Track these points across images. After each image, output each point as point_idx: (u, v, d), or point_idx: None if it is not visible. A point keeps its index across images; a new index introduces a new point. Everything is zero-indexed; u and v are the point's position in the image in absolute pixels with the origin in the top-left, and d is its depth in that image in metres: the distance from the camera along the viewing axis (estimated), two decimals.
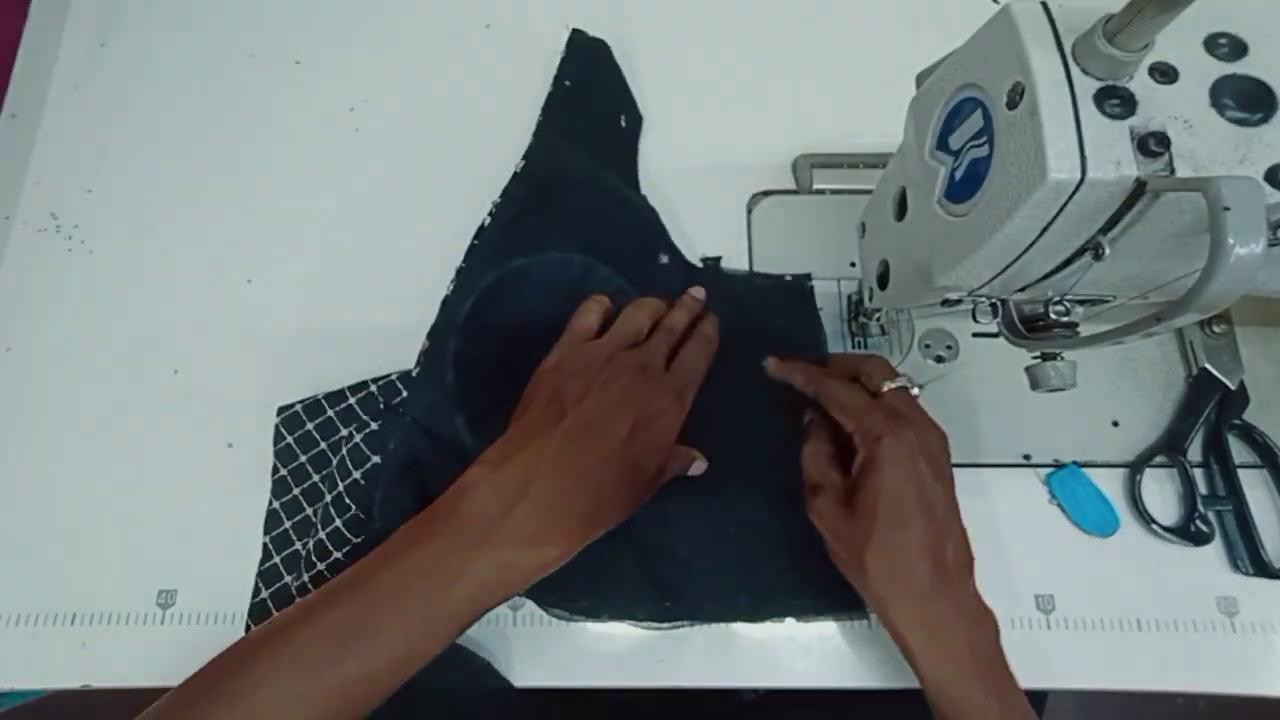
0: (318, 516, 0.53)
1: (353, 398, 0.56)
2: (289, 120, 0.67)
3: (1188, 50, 0.34)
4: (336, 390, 0.56)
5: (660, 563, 0.53)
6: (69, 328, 0.60)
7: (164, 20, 0.70)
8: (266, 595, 0.53)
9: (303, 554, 0.53)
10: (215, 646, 0.43)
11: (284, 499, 0.55)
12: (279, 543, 0.54)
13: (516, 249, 0.58)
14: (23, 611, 0.53)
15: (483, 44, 0.70)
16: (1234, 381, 0.56)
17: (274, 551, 0.54)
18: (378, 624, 0.41)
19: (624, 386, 0.48)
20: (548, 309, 0.55)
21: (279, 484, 0.55)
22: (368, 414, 0.56)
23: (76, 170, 0.65)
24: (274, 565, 0.53)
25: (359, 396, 0.56)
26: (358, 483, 0.53)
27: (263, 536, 0.54)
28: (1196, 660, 0.52)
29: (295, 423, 0.56)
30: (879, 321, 0.58)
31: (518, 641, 0.52)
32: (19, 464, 0.57)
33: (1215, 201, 0.29)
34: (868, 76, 0.65)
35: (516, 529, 0.43)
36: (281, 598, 0.52)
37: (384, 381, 0.56)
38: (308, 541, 0.53)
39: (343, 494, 0.53)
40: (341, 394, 0.56)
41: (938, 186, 0.40)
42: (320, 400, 0.56)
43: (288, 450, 0.56)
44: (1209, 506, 0.54)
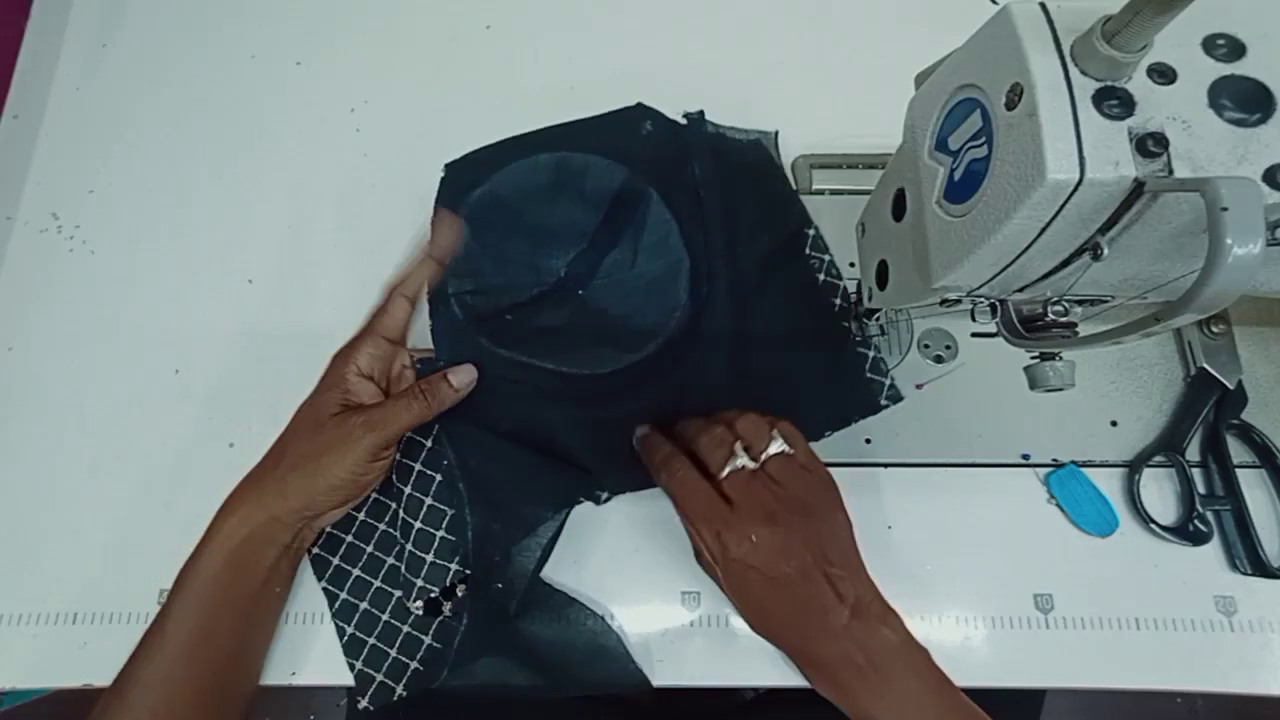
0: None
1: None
2: (290, 121, 0.67)
3: (1186, 51, 0.34)
4: None
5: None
6: (70, 328, 0.60)
7: (165, 22, 0.71)
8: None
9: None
10: None
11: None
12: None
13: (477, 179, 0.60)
14: (24, 611, 0.53)
15: (483, 44, 0.70)
16: (1232, 381, 0.56)
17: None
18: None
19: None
20: (533, 210, 0.59)
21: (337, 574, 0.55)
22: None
23: (78, 171, 0.65)
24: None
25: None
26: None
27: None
28: (1195, 659, 0.52)
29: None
30: (878, 321, 0.58)
31: None
32: (20, 464, 0.57)
33: (1213, 202, 0.29)
34: (867, 77, 0.65)
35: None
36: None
37: None
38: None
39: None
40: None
41: (937, 187, 0.40)
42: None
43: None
44: (1207, 506, 0.54)
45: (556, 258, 0.60)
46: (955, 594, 0.53)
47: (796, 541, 0.48)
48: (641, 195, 0.59)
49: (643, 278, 0.59)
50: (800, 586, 0.47)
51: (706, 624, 0.53)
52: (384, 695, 0.51)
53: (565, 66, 0.68)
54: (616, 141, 0.62)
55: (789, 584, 0.47)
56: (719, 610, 0.53)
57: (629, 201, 0.59)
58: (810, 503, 0.49)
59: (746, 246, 0.61)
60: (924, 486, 0.55)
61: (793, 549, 0.47)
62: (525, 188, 0.59)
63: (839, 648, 0.47)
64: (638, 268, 0.59)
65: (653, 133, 0.64)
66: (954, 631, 0.53)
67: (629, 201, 0.59)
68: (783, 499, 0.48)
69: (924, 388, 0.58)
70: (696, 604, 0.53)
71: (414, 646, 0.52)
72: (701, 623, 0.53)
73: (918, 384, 0.58)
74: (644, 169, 0.60)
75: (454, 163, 0.62)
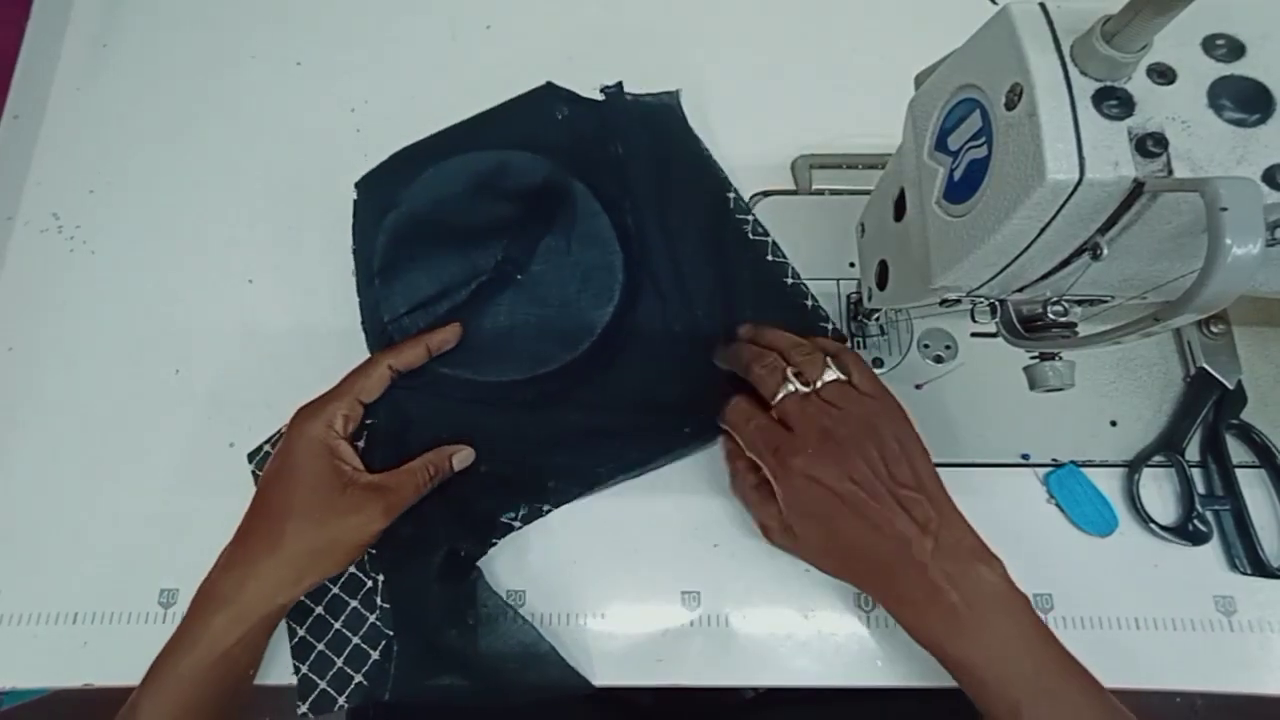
0: None
1: None
2: (290, 121, 0.67)
3: (1186, 51, 0.34)
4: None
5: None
6: (70, 328, 0.60)
7: (165, 22, 0.71)
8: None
9: None
10: None
11: None
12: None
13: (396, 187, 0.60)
14: (25, 611, 0.53)
15: (483, 44, 0.70)
16: (1232, 381, 0.56)
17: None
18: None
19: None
20: (457, 214, 0.59)
21: None
22: None
23: (78, 171, 0.65)
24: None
25: None
26: None
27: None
28: (1194, 659, 0.52)
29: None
30: (878, 321, 0.58)
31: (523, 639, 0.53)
32: (21, 463, 0.57)
33: (1213, 202, 0.29)
34: (867, 77, 0.65)
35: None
36: None
37: None
38: None
39: None
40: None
41: (936, 187, 0.40)
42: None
43: None
44: (1207, 506, 0.54)
45: (491, 249, 0.59)
46: None
47: (858, 458, 0.47)
48: (566, 186, 0.60)
49: (579, 265, 0.59)
50: (869, 506, 0.46)
51: (706, 624, 0.53)
52: (325, 704, 0.51)
53: (565, 67, 0.68)
54: (531, 131, 0.62)
55: (857, 503, 0.46)
56: (719, 610, 0.53)
57: (554, 193, 0.60)
58: (872, 423, 0.48)
59: (678, 210, 0.62)
60: None
61: (856, 465, 0.46)
62: (443, 196, 0.59)
63: (925, 582, 0.44)
64: (573, 254, 0.59)
65: (569, 116, 0.64)
66: None
67: (554, 193, 0.60)
68: (839, 418, 0.48)
69: (924, 388, 0.58)
70: (696, 604, 0.53)
71: (361, 660, 0.52)
72: (701, 623, 0.53)
73: (917, 384, 0.58)
74: (564, 157, 0.60)
75: (364, 179, 0.62)
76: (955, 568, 0.45)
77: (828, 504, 0.46)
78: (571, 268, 0.59)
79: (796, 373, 0.49)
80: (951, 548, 0.45)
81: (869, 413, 0.48)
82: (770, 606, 0.53)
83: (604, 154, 0.62)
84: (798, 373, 0.49)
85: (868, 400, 0.49)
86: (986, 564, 0.46)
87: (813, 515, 0.47)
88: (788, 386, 0.49)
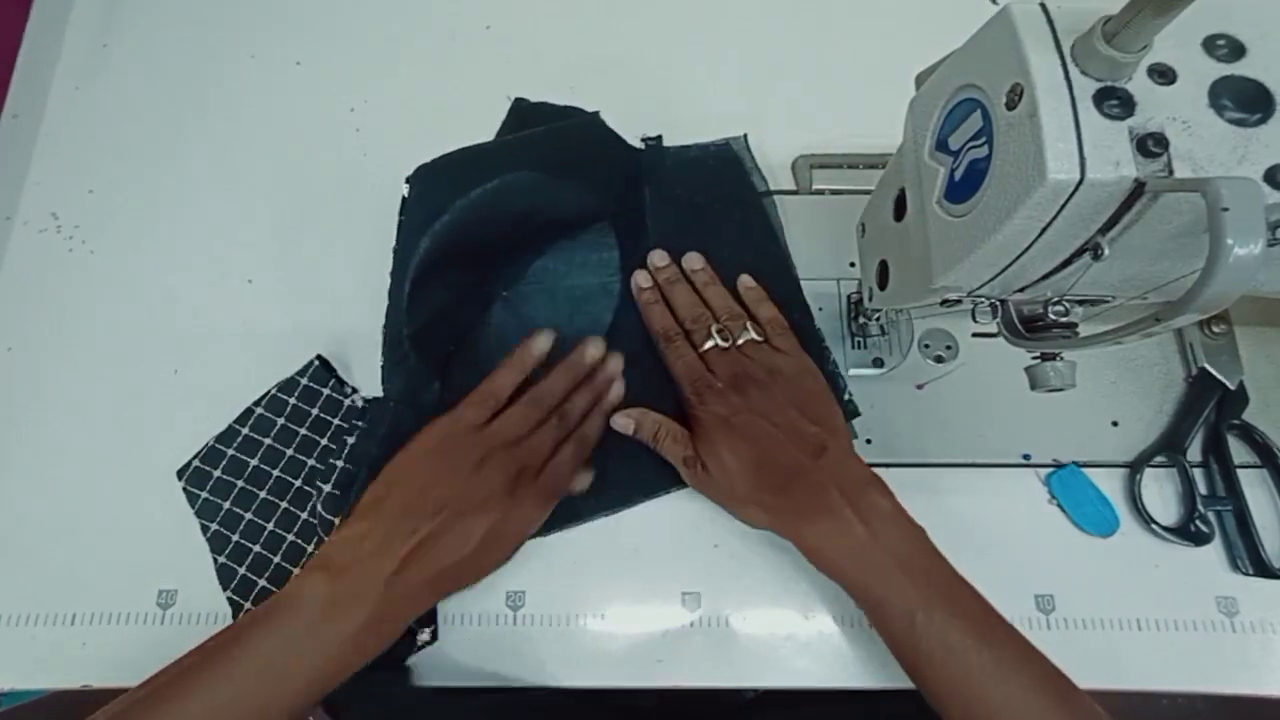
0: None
1: (244, 428, 0.57)
2: (289, 121, 0.67)
3: (1186, 51, 0.34)
4: (226, 430, 0.57)
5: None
6: (70, 328, 0.60)
7: (165, 21, 0.71)
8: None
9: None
10: None
11: (225, 552, 0.54)
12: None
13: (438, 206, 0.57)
14: (23, 611, 0.53)
15: (483, 45, 0.70)
16: (1233, 381, 0.56)
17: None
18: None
19: (487, 499, 0.49)
20: (486, 239, 0.57)
21: (216, 539, 0.54)
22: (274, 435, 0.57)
23: (77, 171, 0.65)
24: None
25: (252, 421, 0.57)
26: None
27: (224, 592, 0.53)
28: (1196, 660, 0.52)
29: (201, 477, 0.56)
30: (878, 321, 0.58)
31: (518, 642, 0.53)
32: (19, 463, 0.57)
33: (1214, 202, 0.29)
34: (868, 77, 0.65)
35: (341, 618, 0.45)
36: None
37: (267, 399, 0.57)
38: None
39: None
40: (233, 430, 0.57)
41: (937, 187, 0.40)
42: (214, 445, 0.56)
43: (208, 505, 0.55)
44: (1209, 506, 0.54)
45: (487, 268, 0.59)
46: None
47: (761, 395, 0.53)
48: (593, 219, 0.59)
49: (575, 290, 0.59)
50: (769, 432, 0.51)
51: (706, 624, 0.53)
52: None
53: (565, 67, 0.68)
54: (583, 160, 0.60)
55: (758, 430, 0.51)
56: (719, 610, 0.53)
57: (578, 221, 0.59)
58: (779, 367, 0.54)
59: (718, 257, 0.61)
60: (925, 487, 0.55)
61: (759, 401, 0.52)
62: (495, 212, 0.56)
63: (824, 500, 0.48)
64: (571, 278, 0.59)
65: (614, 154, 0.62)
66: None
67: (578, 221, 0.59)
68: (749, 365, 0.54)
69: (924, 388, 0.58)
70: (697, 604, 0.53)
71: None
72: (701, 623, 0.53)
73: (918, 384, 0.58)
74: (604, 192, 0.59)
75: (417, 174, 0.57)
76: (850, 489, 0.49)
77: (732, 433, 0.51)
78: (566, 292, 0.59)
79: (720, 329, 0.56)
80: (847, 471, 0.50)
81: (778, 362, 0.55)
82: (771, 607, 0.53)
83: (634, 197, 0.62)
84: (720, 329, 0.56)
85: (780, 354, 0.55)
86: (879, 490, 0.49)
87: (720, 445, 0.52)
88: (712, 340, 0.55)
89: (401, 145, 0.65)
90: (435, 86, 0.68)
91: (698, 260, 0.60)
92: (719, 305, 0.58)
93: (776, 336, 0.56)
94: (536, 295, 0.59)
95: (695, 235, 0.61)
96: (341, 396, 0.57)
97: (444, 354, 0.57)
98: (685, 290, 0.59)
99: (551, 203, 0.58)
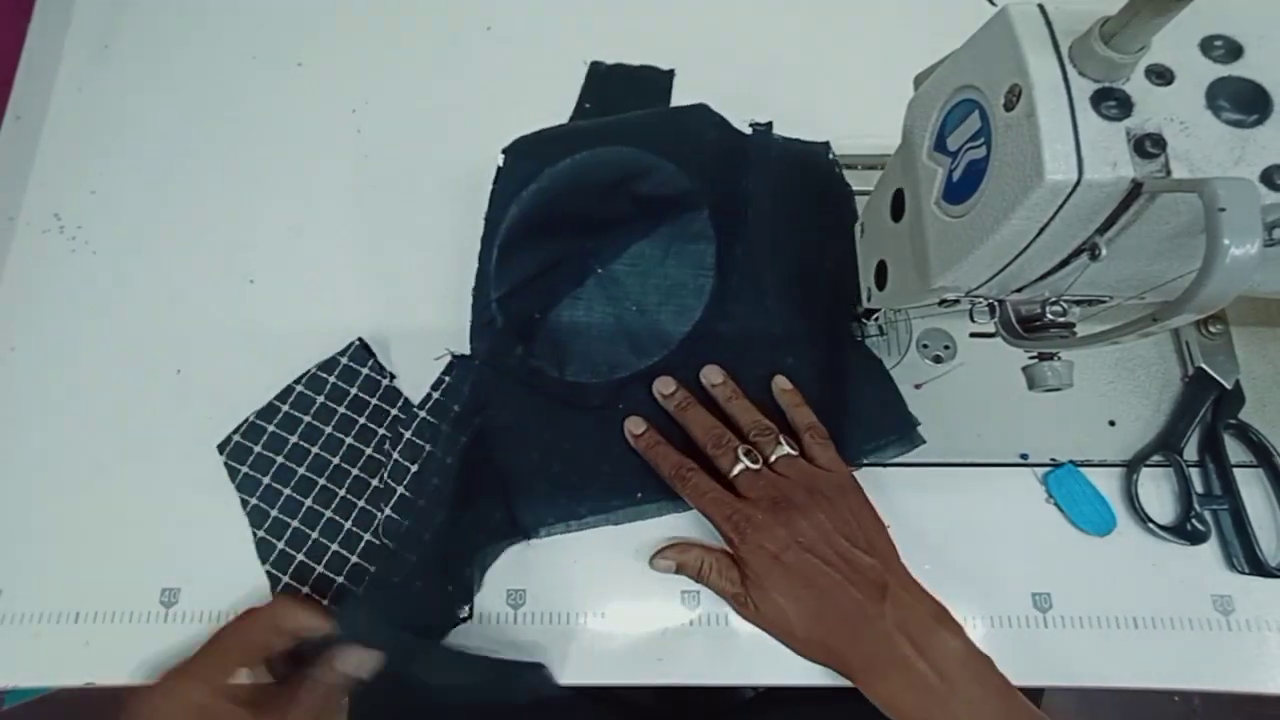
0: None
1: (284, 405, 0.57)
2: (291, 122, 0.67)
3: (1184, 52, 0.34)
4: (266, 406, 0.57)
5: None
6: (72, 328, 0.60)
7: (167, 22, 0.71)
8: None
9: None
10: None
11: (264, 526, 0.54)
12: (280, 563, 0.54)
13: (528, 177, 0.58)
14: (26, 610, 0.53)
15: (483, 46, 0.70)
16: (1230, 381, 0.57)
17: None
18: None
19: None
20: (584, 205, 0.58)
21: (255, 513, 0.55)
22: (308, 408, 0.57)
23: (80, 171, 0.65)
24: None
25: (292, 398, 0.57)
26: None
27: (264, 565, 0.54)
28: (1192, 658, 0.52)
29: (242, 451, 0.56)
30: (877, 322, 0.59)
31: (517, 641, 0.53)
32: (23, 463, 0.57)
33: (1211, 203, 0.29)
34: (866, 77, 0.65)
35: None
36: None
37: (307, 377, 0.58)
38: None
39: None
40: (273, 407, 0.57)
41: (935, 187, 0.40)
42: (254, 420, 0.57)
43: (248, 480, 0.55)
44: (1205, 505, 0.55)
45: (584, 239, 0.59)
46: (954, 593, 0.53)
47: (805, 522, 0.48)
48: (693, 204, 0.59)
49: (668, 278, 0.59)
50: (820, 571, 0.47)
51: (706, 623, 0.53)
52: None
53: (565, 68, 0.68)
54: (683, 145, 0.59)
55: (808, 569, 0.47)
56: (719, 610, 0.53)
57: (676, 206, 0.59)
58: (820, 489, 0.50)
59: (791, 258, 0.59)
60: (923, 486, 0.55)
61: (803, 530, 0.48)
62: (582, 183, 0.58)
63: (892, 651, 0.46)
64: (666, 266, 0.59)
65: (716, 140, 0.61)
66: None
67: (676, 206, 0.59)
68: (787, 487, 0.50)
69: (923, 388, 0.58)
70: (696, 603, 0.53)
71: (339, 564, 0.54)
72: (701, 622, 0.53)
73: (916, 384, 0.58)
74: (702, 178, 0.59)
75: (513, 146, 0.59)
76: (919, 634, 0.46)
77: (785, 574, 0.48)
78: (660, 277, 0.59)
79: (747, 450, 0.51)
80: (912, 612, 0.47)
81: (818, 481, 0.51)
82: None
83: (735, 186, 0.60)
84: (748, 450, 0.51)
85: (819, 472, 0.51)
86: (949, 629, 0.47)
87: (773, 589, 0.48)
88: (740, 464, 0.51)
89: (402, 146, 0.66)
90: (437, 87, 0.68)
91: (717, 374, 0.55)
92: (746, 421, 0.53)
93: (814, 446, 0.52)
94: (630, 277, 0.59)
95: (790, 233, 0.60)
96: (380, 377, 0.58)
97: (530, 319, 0.58)
98: (699, 412, 0.54)
99: (644, 179, 0.58)
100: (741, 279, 0.59)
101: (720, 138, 0.61)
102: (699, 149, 0.60)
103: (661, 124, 0.61)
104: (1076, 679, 0.52)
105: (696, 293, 0.58)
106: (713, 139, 0.61)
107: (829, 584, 0.47)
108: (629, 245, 0.59)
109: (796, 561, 0.48)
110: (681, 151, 0.59)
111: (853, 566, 0.48)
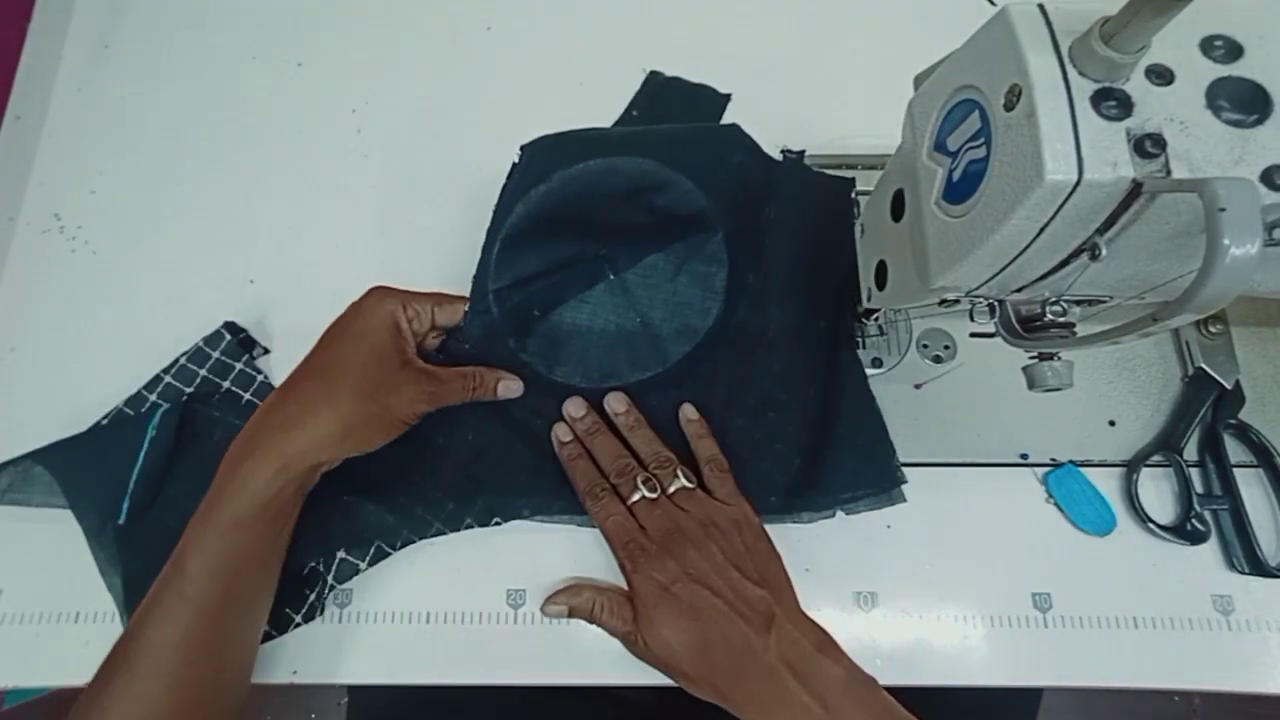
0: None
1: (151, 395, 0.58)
2: (291, 122, 0.67)
3: (1184, 52, 0.34)
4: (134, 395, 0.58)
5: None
6: (72, 328, 0.61)
7: (167, 22, 0.71)
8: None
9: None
10: None
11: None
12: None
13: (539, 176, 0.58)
14: (27, 610, 0.53)
15: (484, 46, 0.70)
16: (1230, 381, 0.57)
17: None
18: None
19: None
20: (598, 211, 0.57)
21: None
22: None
23: (80, 171, 0.65)
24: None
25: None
26: None
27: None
28: (1192, 658, 0.52)
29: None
30: (877, 321, 0.58)
31: (517, 640, 0.53)
32: None
33: (1211, 203, 0.29)
34: (867, 77, 0.65)
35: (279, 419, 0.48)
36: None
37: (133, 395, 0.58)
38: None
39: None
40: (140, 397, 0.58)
41: (935, 187, 0.40)
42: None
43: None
44: (1205, 505, 0.55)
45: (601, 244, 0.59)
46: (954, 593, 0.53)
47: (697, 554, 0.50)
48: (709, 228, 0.58)
49: (676, 295, 0.58)
50: (709, 603, 0.48)
51: None
52: (283, 623, 0.52)
53: (565, 68, 0.68)
54: (705, 164, 0.58)
55: (697, 601, 0.48)
56: None
57: (693, 223, 0.58)
58: (715, 521, 0.51)
59: (801, 295, 0.59)
60: (922, 486, 0.55)
61: (694, 561, 0.49)
62: (593, 190, 0.57)
63: (775, 685, 0.46)
64: (676, 283, 0.58)
65: (742, 163, 0.60)
66: (953, 630, 0.53)
67: (693, 223, 0.58)
68: (682, 519, 0.51)
69: (923, 388, 0.58)
70: None
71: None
72: None
73: (916, 384, 0.58)
74: (722, 199, 0.58)
75: (531, 145, 0.58)
76: (802, 665, 0.47)
77: (672, 607, 0.49)
78: (668, 292, 0.58)
79: (646, 479, 0.52)
80: (794, 644, 0.48)
81: (714, 514, 0.51)
82: None
83: (754, 215, 0.59)
84: (647, 479, 0.52)
85: (716, 504, 0.52)
86: (831, 656, 0.48)
87: (660, 622, 0.49)
88: (638, 493, 0.52)
89: (402, 146, 0.66)
90: (436, 88, 0.68)
91: (621, 403, 0.56)
92: (646, 452, 0.54)
93: (713, 479, 0.53)
94: (640, 288, 0.58)
95: (803, 270, 0.59)
96: (254, 372, 0.58)
97: (528, 316, 0.57)
98: (607, 439, 0.55)
99: (660, 193, 0.57)
100: (748, 308, 0.58)
101: (746, 161, 0.60)
102: (723, 169, 0.59)
103: (688, 140, 0.60)
104: (1076, 679, 0.52)
105: (702, 315, 0.58)
106: (739, 161, 0.60)
107: (716, 616, 0.48)
108: (645, 255, 0.58)
109: (685, 593, 0.48)
110: (704, 170, 0.58)
111: (742, 598, 0.48)
